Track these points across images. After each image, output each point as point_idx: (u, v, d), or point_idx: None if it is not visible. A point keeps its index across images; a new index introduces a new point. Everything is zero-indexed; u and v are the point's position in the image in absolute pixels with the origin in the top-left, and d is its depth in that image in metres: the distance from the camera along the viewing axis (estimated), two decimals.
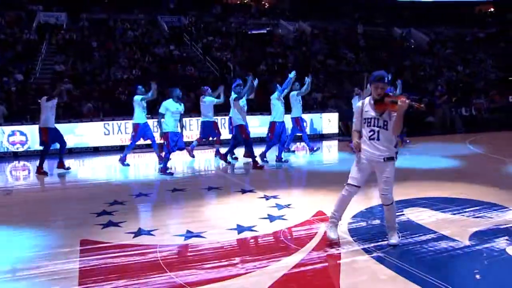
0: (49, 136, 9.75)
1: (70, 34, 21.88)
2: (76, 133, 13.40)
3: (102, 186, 8.86)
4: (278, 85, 10.85)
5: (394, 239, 4.97)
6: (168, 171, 9.50)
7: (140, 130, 10.64)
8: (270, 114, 10.85)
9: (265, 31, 25.69)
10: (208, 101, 11.01)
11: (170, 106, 9.35)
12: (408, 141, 12.97)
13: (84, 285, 4.13)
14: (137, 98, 10.54)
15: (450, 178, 8.76)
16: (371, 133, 4.80)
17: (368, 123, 4.81)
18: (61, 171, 10.09)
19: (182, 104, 9.75)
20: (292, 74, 10.62)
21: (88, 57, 19.60)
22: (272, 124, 10.61)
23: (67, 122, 13.74)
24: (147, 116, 10.85)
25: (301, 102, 11.64)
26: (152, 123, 11.99)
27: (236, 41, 23.90)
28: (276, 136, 10.58)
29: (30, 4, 24.50)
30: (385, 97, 4.75)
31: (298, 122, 11.65)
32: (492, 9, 35.85)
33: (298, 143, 14.38)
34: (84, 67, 18.68)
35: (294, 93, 11.33)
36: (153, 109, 12.66)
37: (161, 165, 9.74)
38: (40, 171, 9.84)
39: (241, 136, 10.10)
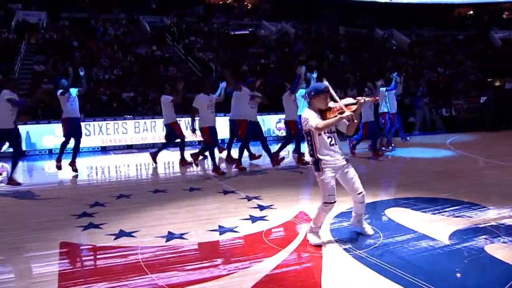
0: (67, 127, 9.54)
1: (50, 33, 21.61)
2: (56, 134, 13.17)
3: (83, 187, 8.76)
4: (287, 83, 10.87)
5: (371, 230, 5.25)
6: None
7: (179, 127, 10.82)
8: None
9: (248, 32, 25.73)
10: None
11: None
12: (408, 138, 13.16)
13: None
14: (166, 98, 10.61)
15: (431, 178, 8.87)
16: (330, 139, 4.91)
17: (325, 132, 4.89)
18: (41, 171, 9.94)
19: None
20: (301, 70, 10.50)
21: (68, 57, 19.38)
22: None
23: (47, 122, 13.58)
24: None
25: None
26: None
27: (218, 42, 23.87)
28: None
29: (9, 3, 24.14)
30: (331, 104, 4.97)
31: None
32: (471, 12, 36.37)
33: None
34: (64, 67, 18.45)
35: (302, 90, 11.34)
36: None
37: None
38: (57, 164, 9.71)
39: (238, 132, 10.15)
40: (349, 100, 4.98)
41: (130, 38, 22.62)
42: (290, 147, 11.68)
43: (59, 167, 9.69)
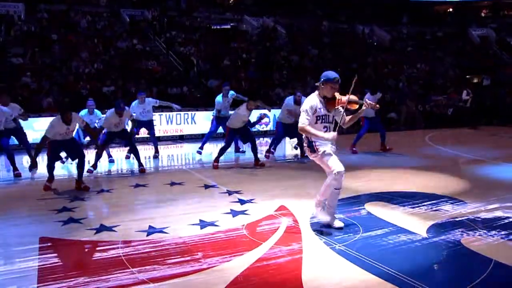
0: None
1: (28, 25, 21.22)
2: (35, 128, 12.99)
3: (63, 182, 8.65)
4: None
5: (340, 223, 5.44)
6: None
7: None
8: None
9: (229, 26, 25.67)
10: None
11: None
12: None
13: (44, 283, 4.06)
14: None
15: (409, 172, 8.99)
16: (325, 129, 5.19)
17: (322, 120, 5.18)
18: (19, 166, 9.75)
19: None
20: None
21: (47, 50, 19.07)
22: None
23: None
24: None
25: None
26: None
27: (199, 36, 23.76)
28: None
29: None
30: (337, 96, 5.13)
31: None
32: (450, 9, 36.83)
33: (261, 139, 14.48)
34: (43, 60, 18.17)
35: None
36: None
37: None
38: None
39: None
40: (355, 98, 5.15)
41: (111, 32, 22.35)
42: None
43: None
